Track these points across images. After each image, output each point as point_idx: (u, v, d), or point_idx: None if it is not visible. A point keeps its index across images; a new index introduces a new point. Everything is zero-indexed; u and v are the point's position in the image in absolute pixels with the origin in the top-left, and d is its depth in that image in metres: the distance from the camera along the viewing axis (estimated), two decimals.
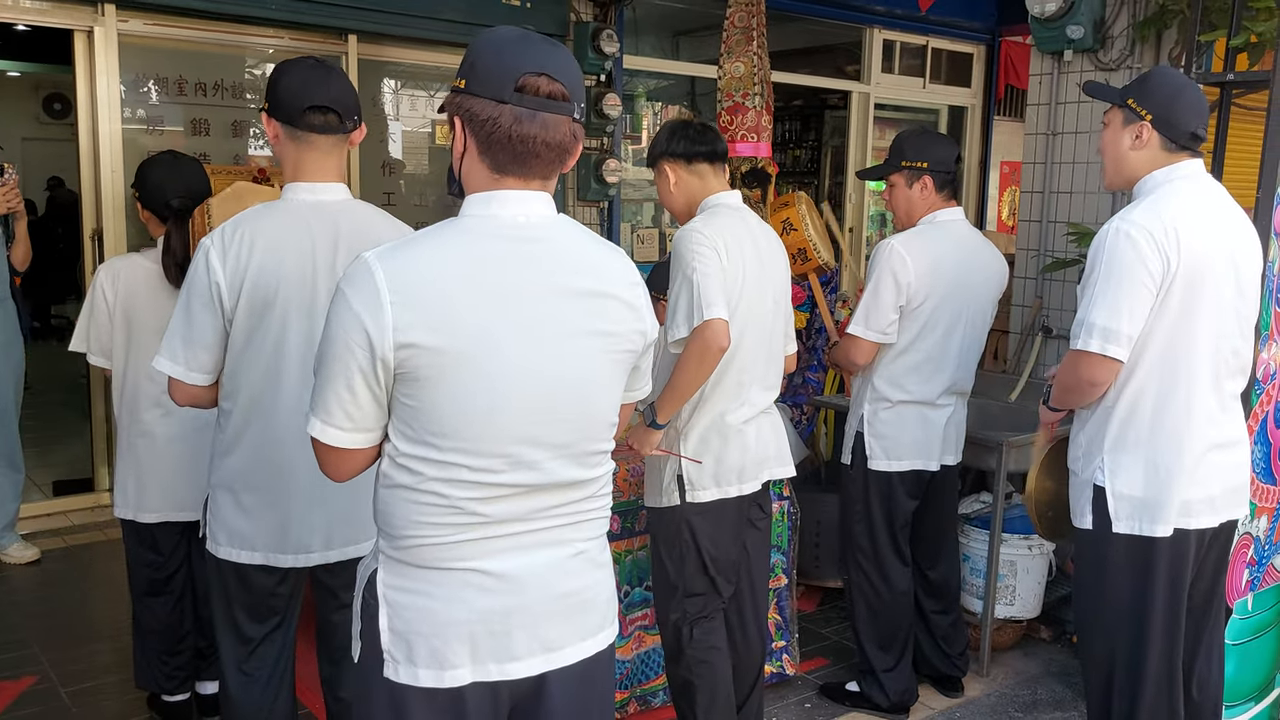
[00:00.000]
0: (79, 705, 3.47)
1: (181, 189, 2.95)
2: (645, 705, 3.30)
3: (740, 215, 2.92)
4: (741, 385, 2.88)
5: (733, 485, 2.89)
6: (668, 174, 2.96)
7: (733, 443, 2.87)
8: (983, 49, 8.76)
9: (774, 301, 2.95)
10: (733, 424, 2.87)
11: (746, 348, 2.86)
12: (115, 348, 3.03)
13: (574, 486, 1.65)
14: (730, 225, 2.84)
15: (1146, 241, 2.49)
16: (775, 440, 2.99)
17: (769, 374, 2.97)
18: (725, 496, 2.88)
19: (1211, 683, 2.86)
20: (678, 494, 2.85)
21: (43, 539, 4.94)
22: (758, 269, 2.87)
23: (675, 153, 2.93)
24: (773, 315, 2.95)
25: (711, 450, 2.85)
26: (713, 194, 2.92)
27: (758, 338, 2.90)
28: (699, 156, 2.92)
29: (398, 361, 1.51)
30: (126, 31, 5.15)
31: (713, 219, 2.84)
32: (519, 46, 1.57)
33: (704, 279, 2.71)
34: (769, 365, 2.96)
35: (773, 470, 2.98)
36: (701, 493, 2.85)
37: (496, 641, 1.61)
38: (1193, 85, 2.65)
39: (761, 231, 2.99)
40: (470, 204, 1.61)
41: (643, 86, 7.67)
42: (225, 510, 2.33)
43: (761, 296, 2.89)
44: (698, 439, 2.85)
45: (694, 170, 2.93)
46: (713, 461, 2.85)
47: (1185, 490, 2.59)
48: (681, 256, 2.76)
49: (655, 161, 2.99)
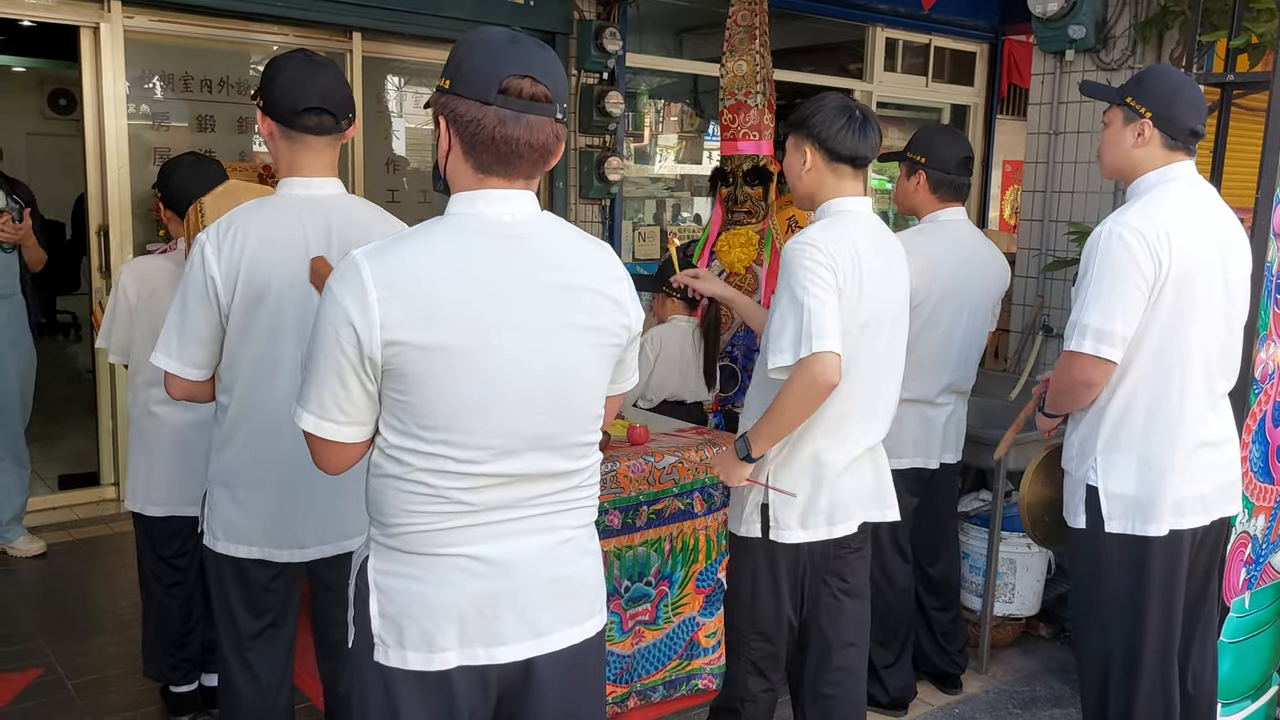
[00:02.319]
0: (84, 697, 3.50)
1: (204, 190, 2.98)
2: (645, 700, 3.32)
3: (867, 226, 2.60)
4: (842, 422, 2.59)
5: (820, 528, 2.64)
6: (806, 155, 2.60)
7: (825, 485, 2.61)
8: (986, 48, 8.76)
9: (891, 329, 2.65)
10: (831, 465, 2.61)
11: (853, 379, 2.54)
12: (137, 345, 3.09)
13: (560, 477, 1.69)
14: (853, 238, 2.53)
15: (1139, 243, 2.51)
16: (875, 481, 2.71)
17: (873, 413, 2.66)
18: (812, 540, 2.64)
19: (1206, 678, 2.88)
20: (759, 526, 2.64)
21: (49, 532, 4.97)
22: (882, 290, 2.58)
23: (824, 141, 2.57)
24: (888, 346, 2.65)
25: (802, 491, 2.61)
26: (842, 197, 2.62)
27: (867, 369, 2.58)
28: (847, 159, 2.58)
29: (385, 359, 1.54)
30: (132, 27, 5.17)
31: (833, 228, 2.54)
32: (504, 48, 1.60)
33: (818, 304, 2.41)
34: (874, 403, 2.65)
35: (869, 512, 2.71)
36: (785, 532, 2.62)
37: (486, 625, 1.64)
38: (1191, 82, 2.66)
39: (891, 247, 2.67)
40: (455, 202, 1.64)
41: (645, 84, 7.68)
42: (222, 505, 2.35)
43: (878, 324, 2.59)
44: (789, 482, 2.61)
45: (834, 169, 2.60)
46: (802, 500, 2.61)
47: (1177, 489, 2.61)
48: (792, 271, 2.47)
49: (798, 133, 2.63)
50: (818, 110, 2.58)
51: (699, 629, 3.40)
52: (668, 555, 3.30)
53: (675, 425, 3.74)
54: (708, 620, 3.42)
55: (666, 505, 3.28)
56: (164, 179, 3.13)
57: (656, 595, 3.30)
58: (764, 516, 2.63)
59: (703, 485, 3.37)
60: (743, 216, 4.55)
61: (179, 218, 3.07)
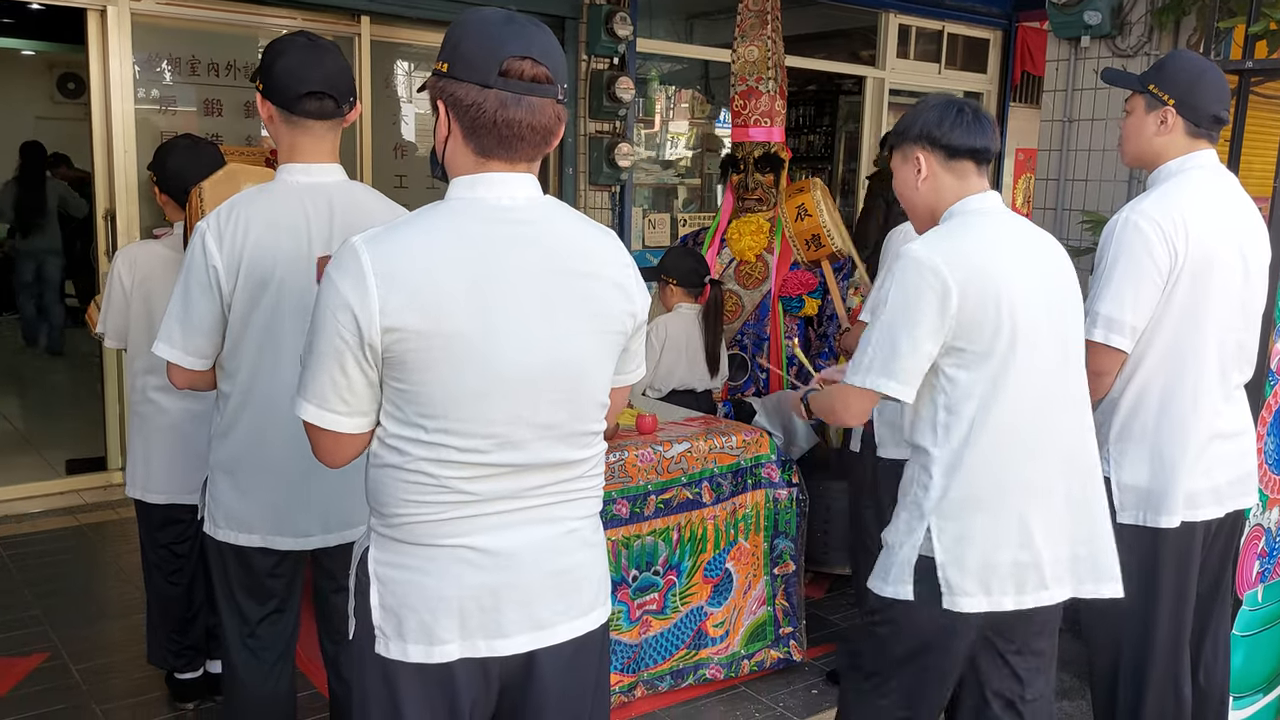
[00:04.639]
0: (89, 682, 3.50)
1: (201, 174, 2.96)
2: (652, 689, 3.31)
3: (998, 221, 2.23)
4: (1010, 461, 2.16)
5: (1009, 596, 2.17)
6: (920, 163, 2.26)
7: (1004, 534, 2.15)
8: (999, 34, 8.70)
9: (1063, 344, 2.21)
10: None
11: (1023, 412, 2.14)
12: (132, 332, 3.08)
13: (563, 466, 1.66)
14: (984, 241, 2.16)
15: (1154, 232, 2.48)
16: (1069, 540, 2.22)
17: (1054, 450, 2.19)
18: (996, 609, 2.16)
19: (1218, 671, 2.86)
20: (912, 588, 2.16)
21: (55, 517, 4.98)
22: (1036, 298, 2.15)
23: (938, 139, 2.23)
24: (1060, 366, 2.20)
25: (976, 544, 2.15)
26: (967, 197, 2.25)
27: (1037, 398, 2.15)
28: (967, 153, 2.23)
29: (385, 345, 1.52)
30: (140, 11, 5.15)
31: (956, 233, 2.18)
32: (503, 29, 1.56)
33: (892, 332, 2.10)
34: (1052, 437, 2.19)
35: (1063, 586, 2.22)
36: (963, 599, 2.14)
37: (487, 617, 1.62)
38: (1213, 67, 2.63)
39: (1033, 242, 2.24)
40: (456, 187, 1.61)
41: (656, 70, 7.64)
42: (223, 492, 2.34)
43: (1034, 341, 2.14)
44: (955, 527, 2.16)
45: (955, 167, 2.24)
46: (978, 557, 2.15)
47: (1189, 481, 2.58)
48: (886, 284, 2.17)
49: (904, 143, 2.31)
50: (923, 112, 2.28)
51: (707, 619, 3.39)
52: (676, 544, 3.28)
53: (684, 414, 3.72)
54: (715, 610, 3.40)
55: (675, 494, 3.27)
56: (159, 162, 3.09)
57: (664, 585, 3.29)
58: (928, 577, 2.18)
59: (711, 475, 3.35)
60: (753, 204, 4.52)
61: (175, 202, 3.04)
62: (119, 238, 5.17)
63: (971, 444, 2.13)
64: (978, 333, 2.10)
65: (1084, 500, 2.23)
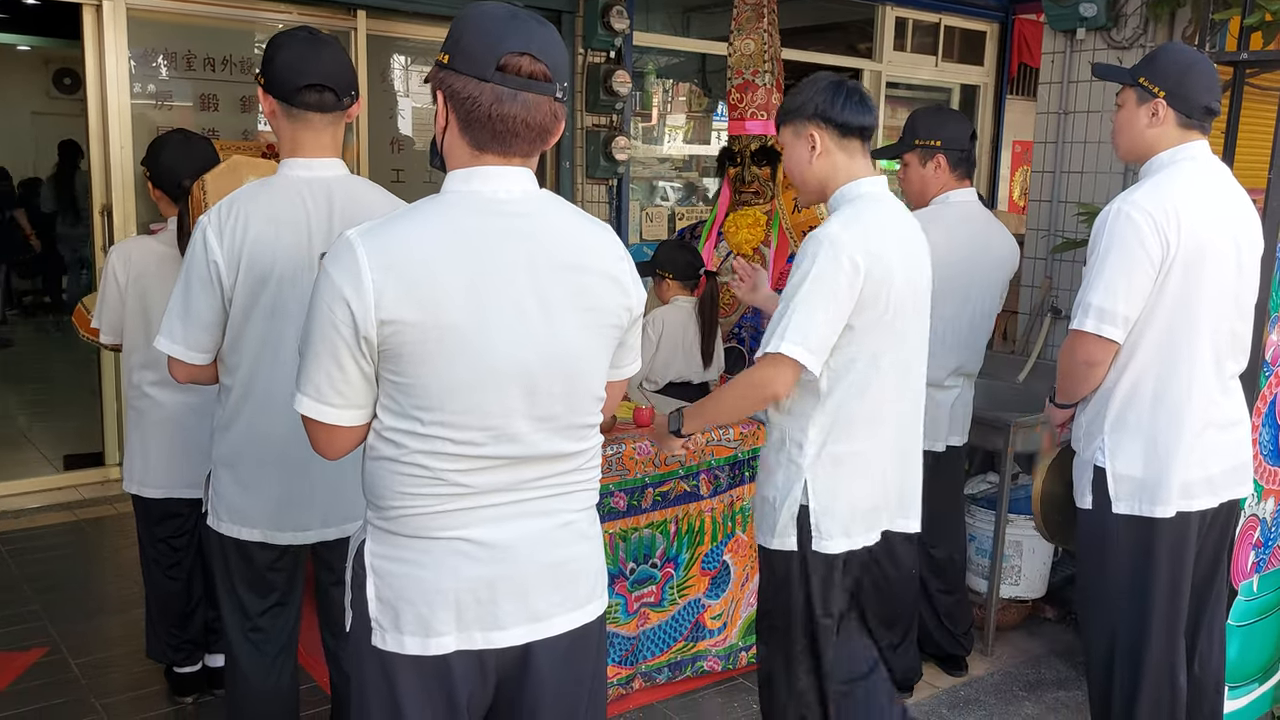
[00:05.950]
0: (89, 677, 3.50)
1: (194, 169, 2.95)
2: (650, 681, 3.32)
3: (888, 209, 2.43)
4: (876, 416, 2.44)
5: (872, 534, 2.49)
6: (814, 140, 2.41)
7: (858, 482, 2.44)
8: (996, 27, 8.69)
9: (920, 322, 2.50)
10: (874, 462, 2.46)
11: (886, 372, 2.40)
12: (127, 327, 3.07)
13: (560, 459, 1.66)
14: (878, 227, 2.35)
15: (1146, 223, 2.49)
16: (900, 483, 2.54)
17: (912, 412, 2.53)
18: (852, 548, 2.46)
19: (1213, 660, 2.87)
20: (794, 538, 2.43)
21: (53, 513, 4.98)
22: (910, 279, 2.41)
23: (832, 117, 2.38)
24: (918, 342, 2.50)
25: (841, 492, 2.42)
26: (856, 179, 2.42)
27: (900, 370, 2.44)
28: (857, 131, 2.40)
29: (381, 338, 1.52)
30: (135, 6, 5.14)
31: (857, 220, 2.34)
32: (504, 24, 1.57)
33: (808, 307, 2.27)
34: (906, 395, 2.50)
35: (893, 520, 2.56)
36: (828, 541, 2.43)
37: (483, 609, 1.62)
38: (1204, 59, 2.63)
39: (914, 231, 2.49)
40: (452, 179, 1.62)
41: (652, 64, 7.63)
42: (225, 486, 2.35)
43: (904, 319, 2.41)
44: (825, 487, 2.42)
45: (846, 145, 2.41)
46: (845, 506, 2.43)
47: (1184, 471, 2.59)
48: (801, 265, 2.31)
49: (797, 120, 2.44)
50: (813, 90, 2.41)
51: (704, 611, 3.40)
52: (673, 537, 3.29)
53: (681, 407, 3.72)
54: (713, 602, 3.41)
55: (672, 487, 3.28)
56: (152, 157, 3.08)
57: (662, 577, 3.30)
58: (800, 526, 2.47)
59: (709, 467, 3.35)
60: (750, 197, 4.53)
61: (169, 197, 3.03)
62: (115, 233, 5.16)
63: (844, 408, 2.39)
64: (870, 310, 2.33)
65: (912, 452, 2.57)
